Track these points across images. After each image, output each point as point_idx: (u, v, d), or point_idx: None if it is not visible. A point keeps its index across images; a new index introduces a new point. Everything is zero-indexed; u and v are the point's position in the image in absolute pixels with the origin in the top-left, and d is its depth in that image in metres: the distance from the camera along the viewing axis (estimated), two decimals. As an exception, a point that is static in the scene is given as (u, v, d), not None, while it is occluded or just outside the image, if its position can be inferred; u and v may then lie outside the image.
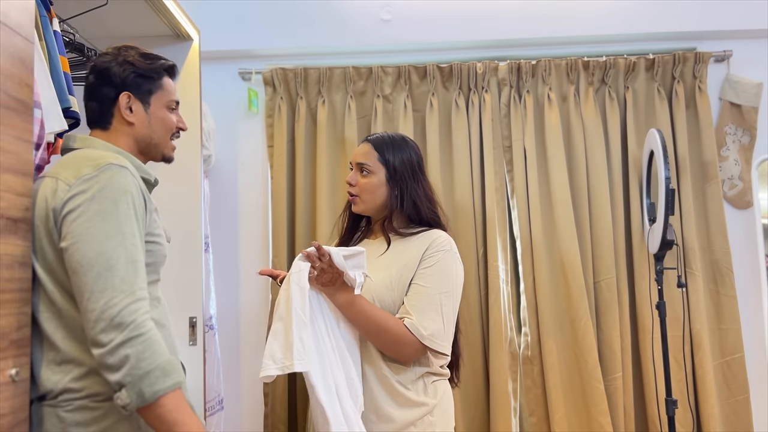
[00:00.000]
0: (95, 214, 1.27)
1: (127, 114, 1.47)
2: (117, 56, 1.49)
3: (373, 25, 2.99)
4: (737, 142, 2.96)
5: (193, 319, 2.37)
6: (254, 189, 3.05)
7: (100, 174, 1.30)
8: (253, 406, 2.91)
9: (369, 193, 1.81)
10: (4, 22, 1.20)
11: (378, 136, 1.87)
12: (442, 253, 1.75)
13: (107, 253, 1.24)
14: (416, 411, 1.68)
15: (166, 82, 1.53)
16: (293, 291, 1.58)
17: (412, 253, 1.75)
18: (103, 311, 1.21)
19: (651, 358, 2.71)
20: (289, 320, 1.55)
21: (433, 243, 1.76)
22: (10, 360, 1.18)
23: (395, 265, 1.75)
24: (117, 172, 1.32)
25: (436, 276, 1.72)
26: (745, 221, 2.93)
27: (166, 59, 1.54)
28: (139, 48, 1.53)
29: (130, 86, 1.47)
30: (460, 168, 2.85)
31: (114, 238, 1.26)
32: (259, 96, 3.03)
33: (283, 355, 1.54)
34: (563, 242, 2.77)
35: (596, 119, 2.88)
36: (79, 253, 1.24)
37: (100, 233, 1.25)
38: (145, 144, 1.50)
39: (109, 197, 1.28)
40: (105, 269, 1.24)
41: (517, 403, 2.79)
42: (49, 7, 1.68)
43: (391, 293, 1.72)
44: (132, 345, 1.21)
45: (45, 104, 1.50)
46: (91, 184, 1.29)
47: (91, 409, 1.28)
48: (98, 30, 2.30)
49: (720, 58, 2.96)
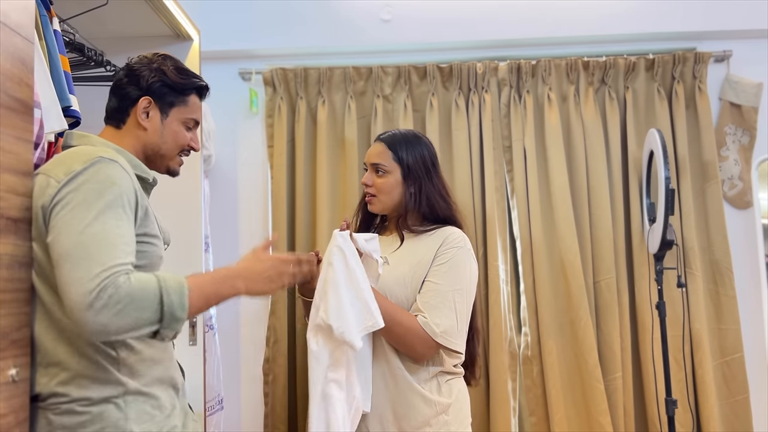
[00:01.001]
0: (77, 204, 1.23)
1: (143, 118, 1.47)
2: (152, 62, 1.50)
3: (373, 25, 2.99)
4: (737, 142, 2.96)
5: (193, 319, 2.37)
6: (254, 189, 3.05)
7: (89, 168, 1.28)
8: (253, 406, 2.92)
9: (386, 193, 1.81)
10: (4, 22, 1.21)
11: (391, 135, 1.87)
12: (455, 250, 1.74)
13: (85, 242, 1.19)
14: (431, 410, 1.68)
15: (192, 101, 1.53)
16: (351, 262, 1.61)
17: (426, 251, 1.75)
18: (81, 299, 1.15)
19: (651, 358, 2.71)
20: (358, 286, 1.59)
21: (446, 240, 1.76)
22: (10, 360, 1.18)
23: (408, 262, 1.75)
24: (106, 164, 1.30)
25: (450, 273, 1.71)
26: (745, 221, 2.93)
27: (200, 79, 1.55)
28: (179, 62, 1.54)
29: (154, 93, 1.47)
30: (460, 168, 2.85)
31: (92, 226, 1.21)
32: (259, 96, 3.03)
33: (366, 316, 1.57)
34: (563, 242, 2.77)
35: (596, 119, 2.88)
36: (59, 245, 1.20)
37: (79, 223, 1.21)
38: (152, 152, 1.50)
39: (93, 188, 1.26)
40: (82, 257, 1.18)
41: (517, 402, 2.79)
42: (49, 7, 1.68)
43: (405, 290, 1.72)
44: (124, 311, 1.16)
45: (44, 104, 1.50)
46: (79, 178, 1.27)
47: (78, 413, 1.26)
48: (98, 30, 2.30)
49: (720, 58, 2.96)
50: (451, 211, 1.84)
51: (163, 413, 1.35)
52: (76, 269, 1.17)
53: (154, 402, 1.34)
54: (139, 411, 1.31)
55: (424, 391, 1.68)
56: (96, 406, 1.27)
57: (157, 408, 1.34)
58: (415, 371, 1.70)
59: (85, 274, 1.16)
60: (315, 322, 1.60)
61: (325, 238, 2.81)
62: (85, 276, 1.16)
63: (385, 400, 1.68)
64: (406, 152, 1.82)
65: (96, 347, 1.29)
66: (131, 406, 1.30)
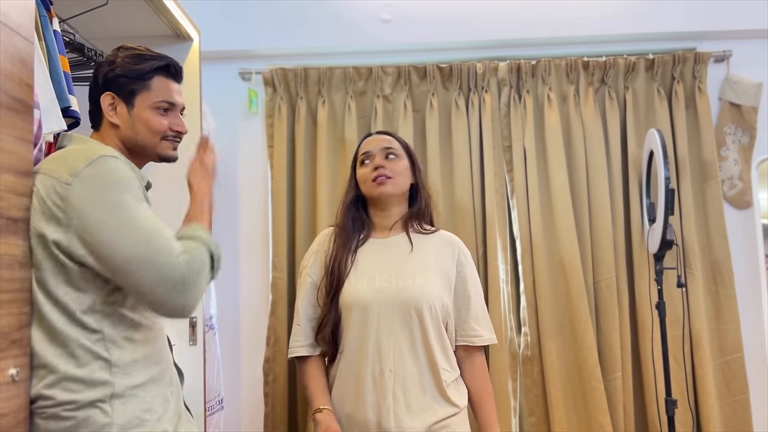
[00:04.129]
0: (108, 215, 1.27)
1: (111, 115, 1.43)
2: (109, 56, 1.47)
3: (373, 25, 2.99)
4: (737, 142, 2.96)
5: (193, 319, 2.37)
6: (254, 189, 3.05)
7: (96, 167, 1.29)
8: (253, 406, 2.91)
9: (401, 175, 1.85)
10: (4, 22, 1.21)
11: (392, 132, 1.99)
12: (470, 259, 1.90)
13: (142, 240, 1.26)
14: (451, 409, 1.76)
15: (156, 83, 1.46)
16: None
17: (443, 257, 1.84)
18: (171, 294, 1.27)
19: (651, 358, 2.71)
20: None
21: (460, 248, 1.88)
22: (10, 360, 1.18)
23: (439, 266, 1.82)
24: (111, 162, 1.31)
25: (475, 281, 1.89)
26: (744, 221, 2.93)
27: (159, 59, 1.48)
28: (136, 48, 1.48)
29: (112, 86, 1.44)
30: (460, 168, 2.85)
31: (138, 219, 1.28)
32: (259, 96, 3.03)
33: None
34: (563, 242, 2.77)
35: (596, 119, 2.88)
36: (115, 257, 1.25)
37: (125, 236, 1.26)
38: (132, 145, 1.46)
39: (113, 189, 1.29)
40: (150, 255, 1.26)
41: (517, 403, 2.79)
42: (49, 7, 1.68)
43: (449, 295, 1.83)
44: (199, 283, 1.31)
45: (43, 104, 1.50)
46: (90, 181, 1.27)
47: (63, 418, 1.25)
48: (98, 30, 2.30)
49: (720, 58, 2.96)
50: (432, 209, 1.95)
51: (153, 416, 1.32)
52: (152, 269, 1.25)
53: (144, 405, 1.31)
54: (127, 416, 1.28)
55: (448, 392, 1.76)
56: (81, 411, 1.25)
57: (147, 411, 1.31)
58: (442, 374, 1.77)
59: (163, 271, 1.26)
60: None
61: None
62: (166, 273, 1.26)
63: (413, 396, 1.73)
64: (409, 146, 1.92)
65: (88, 348, 1.27)
66: (119, 410, 1.27)
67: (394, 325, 1.72)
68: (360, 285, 1.77)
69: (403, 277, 1.76)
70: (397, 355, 1.70)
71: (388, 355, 1.70)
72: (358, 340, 1.74)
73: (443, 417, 1.73)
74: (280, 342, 2.80)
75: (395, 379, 1.70)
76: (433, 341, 1.73)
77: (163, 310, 1.29)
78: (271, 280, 2.87)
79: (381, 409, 1.69)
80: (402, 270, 1.77)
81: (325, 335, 1.81)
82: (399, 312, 1.72)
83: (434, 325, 1.74)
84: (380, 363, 1.71)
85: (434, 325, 1.74)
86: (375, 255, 1.82)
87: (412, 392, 1.70)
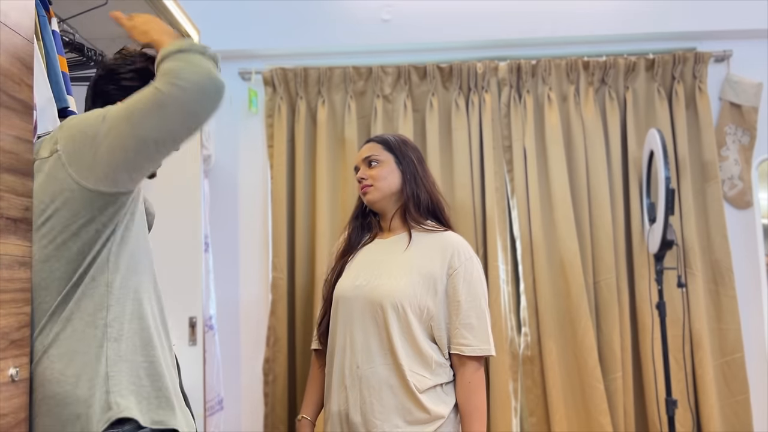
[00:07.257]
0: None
1: None
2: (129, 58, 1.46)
3: (373, 25, 2.99)
4: (737, 142, 2.96)
5: (192, 319, 2.37)
6: (254, 189, 3.05)
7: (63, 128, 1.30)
8: (253, 406, 2.91)
9: (382, 179, 1.81)
10: (3, 22, 1.20)
11: (377, 135, 1.92)
12: (469, 262, 1.75)
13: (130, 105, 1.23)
14: (423, 415, 1.68)
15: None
16: None
17: (432, 258, 1.75)
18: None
19: (651, 358, 2.71)
20: None
21: (455, 251, 1.76)
22: (10, 360, 1.18)
23: (423, 267, 1.74)
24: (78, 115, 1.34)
25: (470, 287, 1.74)
26: (745, 221, 2.93)
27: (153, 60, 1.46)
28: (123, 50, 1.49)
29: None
30: (460, 168, 2.85)
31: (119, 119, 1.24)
32: (259, 96, 3.03)
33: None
34: (563, 242, 2.77)
35: (596, 119, 2.88)
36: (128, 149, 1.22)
37: (117, 133, 1.23)
38: None
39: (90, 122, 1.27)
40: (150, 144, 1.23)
41: (518, 403, 2.79)
42: (47, 7, 1.68)
43: (432, 297, 1.72)
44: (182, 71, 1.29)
45: (40, 104, 1.50)
46: (69, 131, 1.28)
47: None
48: (98, 30, 2.30)
49: (720, 58, 2.96)
50: (441, 207, 1.85)
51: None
52: (159, 122, 1.22)
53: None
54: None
55: (425, 401, 1.68)
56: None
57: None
58: (421, 382, 1.69)
59: (168, 111, 1.24)
60: None
61: (324, 237, 2.81)
62: (171, 111, 1.24)
63: (396, 406, 1.67)
64: (396, 144, 1.86)
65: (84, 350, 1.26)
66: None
67: (366, 323, 1.71)
68: (345, 282, 1.79)
69: (379, 276, 1.73)
70: (366, 353, 1.69)
71: (358, 353, 1.70)
72: (334, 335, 1.77)
73: (413, 423, 1.65)
74: (280, 342, 2.79)
75: (362, 377, 1.68)
76: (397, 343, 1.67)
77: (205, 113, 1.32)
78: (270, 280, 2.87)
79: (350, 405, 1.69)
80: (382, 269, 1.75)
81: (321, 330, 1.86)
82: (369, 310, 1.71)
83: (401, 326, 1.68)
84: (351, 359, 1.71)
85: (401, 327, 1.68)
86: (370, 254, 1.83)
87: (378, 392, 1.66)
